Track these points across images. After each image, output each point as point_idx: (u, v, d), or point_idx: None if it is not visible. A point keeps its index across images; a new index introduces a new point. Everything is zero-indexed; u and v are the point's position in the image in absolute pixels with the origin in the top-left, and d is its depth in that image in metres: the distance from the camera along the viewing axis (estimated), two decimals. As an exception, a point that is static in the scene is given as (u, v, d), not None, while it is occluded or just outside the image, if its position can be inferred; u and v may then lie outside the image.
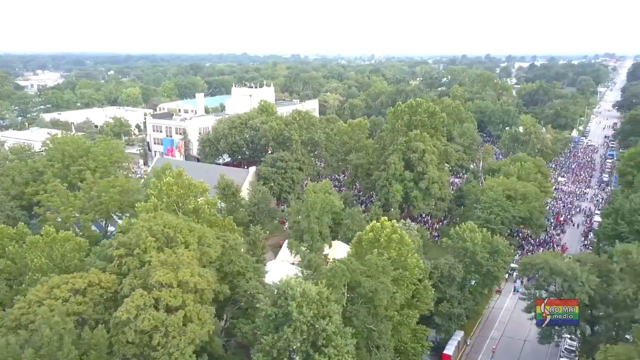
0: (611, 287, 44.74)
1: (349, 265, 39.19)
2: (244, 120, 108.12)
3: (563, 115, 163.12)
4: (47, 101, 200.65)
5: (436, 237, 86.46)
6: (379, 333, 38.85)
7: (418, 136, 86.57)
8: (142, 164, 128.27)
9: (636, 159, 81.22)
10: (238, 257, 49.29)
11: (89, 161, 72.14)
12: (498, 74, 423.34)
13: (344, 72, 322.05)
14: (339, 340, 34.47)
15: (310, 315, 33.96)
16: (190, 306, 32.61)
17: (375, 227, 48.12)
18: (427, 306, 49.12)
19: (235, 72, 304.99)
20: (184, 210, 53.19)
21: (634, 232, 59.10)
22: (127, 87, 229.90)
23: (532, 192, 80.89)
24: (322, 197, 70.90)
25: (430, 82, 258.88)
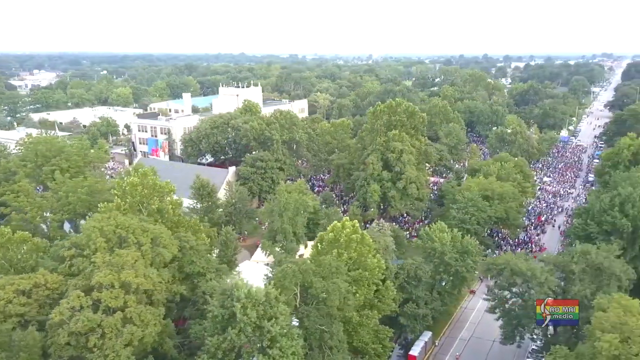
0: (570, 287, 44.53)
1: (300, 266, 38.96)
2: (226, 120, 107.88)
3: (552, 115, 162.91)
4: (36, 101, 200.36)
5: (415, 237, 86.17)
6: (331, 334, 38.61)
7: (397, 136, 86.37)
8: (128, 164, 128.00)
9: (613, 159, 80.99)
10: (199, 258, 49.21)
11: (61, 161, 71.93)
12: (493, 74, 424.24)
13: (338, 72, 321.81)
14: (284, 342, 34.28)
15: (255, 317, 33.76)
16: (132, 307, 32.39)
17: (336, 228, 47.97)
18: (389, 307, 48.89)
19: (229, 72, 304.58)
20: (149, 211, 52.96)
21: (603, 232, 58.86)
22: (118, 87, 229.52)
23: (510, 192, 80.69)
24: (295, 197, 70.69)
25: (423, 82, 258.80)
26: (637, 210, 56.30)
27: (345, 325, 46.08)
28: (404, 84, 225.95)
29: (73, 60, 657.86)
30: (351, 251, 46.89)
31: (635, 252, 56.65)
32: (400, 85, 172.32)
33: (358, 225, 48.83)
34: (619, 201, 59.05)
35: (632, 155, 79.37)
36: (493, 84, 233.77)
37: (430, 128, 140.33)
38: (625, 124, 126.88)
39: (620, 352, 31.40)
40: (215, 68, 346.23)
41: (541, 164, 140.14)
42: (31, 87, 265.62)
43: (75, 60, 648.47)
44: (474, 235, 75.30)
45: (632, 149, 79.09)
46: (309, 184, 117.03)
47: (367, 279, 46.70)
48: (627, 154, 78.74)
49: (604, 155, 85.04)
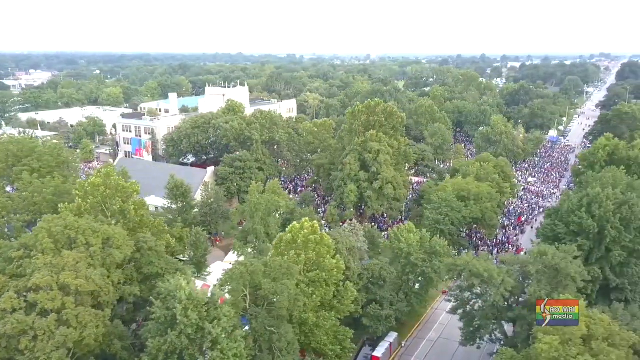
0: (527, 288, 44.30)
1: (249, 267, 38.71)
2: (208, 120, 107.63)
3: (540, 115, 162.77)
4: (26, 101, 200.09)
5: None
6: (279, 336, 38.37)
7: (374, 136, 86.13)
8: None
9: (589, 159, 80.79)
10: (158, 259, 48.95)
11: (32, 161, 71.59)
12: (489, 74, 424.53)
13: (333, 72, 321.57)
14: (225, 344, 34.05)
15: (196, 318, 33.53)
16: (69, 309, 32.15)
17: (294, 228, 47.72)
18: (348, 308, 48.62)
19: (222, 72, 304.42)
20: (112, 212, 52.67)
21: (570, 233, 58.52)
22: (109, 87, 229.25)
23: (486, 193, 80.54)
24: (267, 197, 70.45)
25: (415, 82, 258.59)
26: (603, 211, 55.95)
27: (301, 326, 46.02)
28: (394, 84, 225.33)
29: (70, 59, 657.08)
30: (309, 252, 46.61)
31: (602, 253, 56.26)
32: (389, 86, 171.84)
33: (318, 226, 48.54)
34: (587, 202, 58.76)
35: (608, 156, 79.13)
36: (485, 84, 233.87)
37: (417, 128, 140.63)
38: (609, 123, 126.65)
39: (560, 354, 31.16)
40: (209, 68, 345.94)
41: (527, 164, 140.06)
42: (24, 87, 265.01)
43: (72, 60, 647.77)
44: (448, 236, 75.66)
45: (607, 150, 78.86)
46: (293, 184, 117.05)
47: (325, 279, 46.42)
48: (603, 154, 78.53)
49: (580, 156, 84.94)
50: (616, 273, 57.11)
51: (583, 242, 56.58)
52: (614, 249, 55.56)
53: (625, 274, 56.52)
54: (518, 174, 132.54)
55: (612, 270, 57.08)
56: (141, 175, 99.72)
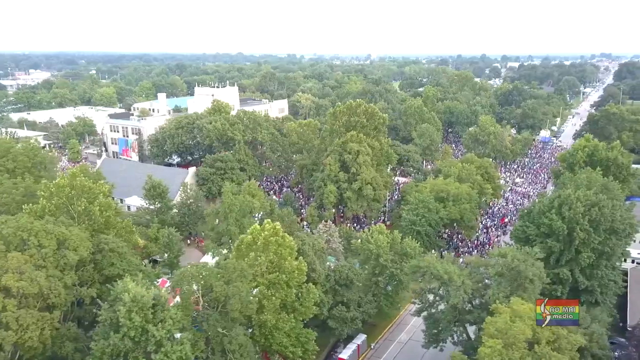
0: (486, 291, 43.99)
1: (200, 269, 38.49)
2: (192, 120, 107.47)
3: (531, 115, 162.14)
4: (19, 101, 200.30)
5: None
6: (230, 338, 38.12)
7: (354, 137, 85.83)
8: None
9: (568, 160, 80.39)
10: (120, 260, 48.80)
11: (7, 162, 71.58)
12: (487, 74, 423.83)
13: (329, 73, 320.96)
14: (169, 346, 33.83)
15: (139, 321, 33.32)
16: (10, 312, 32.00)
17: (255, 230, 47.45)
18: (310, 310, 48.30)
19: (218, 72, 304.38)
20: (77, 213, 52.47)
21: (541, 235, 58.20)
22: (102, 86, 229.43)
23: (465, 194, 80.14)
24: (241, 198, 70.21)
25: (411, 83, 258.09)
26: (573, 212, 55.59)
27: (260, 328, 45.79)
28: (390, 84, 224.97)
29: (69, 59, 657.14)
30: (270, 254, 46.33)
31: (572, 255, 55.98)
32: (380, 86, 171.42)
33: (280, 227, 48.25)
34: (558, 203, 58.45)
35: (588, 157, 78.70)
36: (480, 85, 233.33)
37: (405, 128, 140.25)
38: (597, 124, 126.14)
39: (502, 358, 30.85)
40: (205, 68, 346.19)
41: (517, 165, 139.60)
42: (19, 86, 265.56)
43: (72, 60, 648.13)
44: (425, 237, 75.41)
45: (587, 151, 78.42)
46: (279, 185, 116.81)
47: (286, 281, 46.14)
48: (582, 155, 78.10)
49: (560, 157, 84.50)
50: (586, 275, 56.86)
51: (553, 244, 56.39)
52: (584, 251, 55.28)
53: (595, 275, 56.28)
54: (506, 174, 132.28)
55: (582, 272, 56.83)
56: (124, 175, 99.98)
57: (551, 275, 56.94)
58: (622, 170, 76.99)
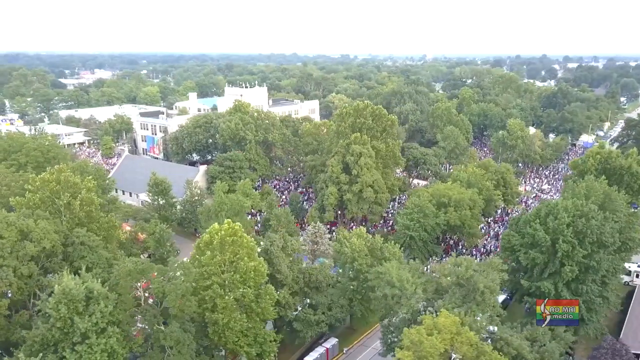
0: (440, 299, 42.49)
1: (139, 265, 39.48)
2: (209, 120, 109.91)
3: (570, 119, 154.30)
4: (69, 98, 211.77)
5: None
6: (165, 334, 38.88)
7: (358, 139, 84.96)
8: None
9: (579, 168, 76.03)
10: (90, 253, 50.83)
11: (20, 156, 75.97)
12: (542, 76, 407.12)
13: (374, 73, 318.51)
14: (94, 339, 34.96)
15: (64, 312, 34.64)
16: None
17: (213, 229, 47.97)
18: (267, 310, 48.33)
19: (262, 72, 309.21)
20: (58, 206, 55.05)
21: (525, 245, 55.50)
22: (147, 85, 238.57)
23: (467, 199, 77.56)
24: (231, 197, 71.29)
25: (453, 84, 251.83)
26: (558, 222, 52.65)
27: (213, 326, 46.34)
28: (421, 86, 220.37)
29: (132, 60, 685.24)
30: (226, 253, 46.78)
31: (556, 268, 53.03)
32: (410, 87, 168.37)
33: (239, 227, 48.53)
34: (544, 212, 55.59)
35: (600, 164, 74.17)
36: (525, 87, 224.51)
37: (431, 130, 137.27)
38: (635, 129, 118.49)
39: (411, 372, 29.82)
40: (251, 68, 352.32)
41: (549, 171, 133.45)
42: (75, 85, 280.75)
43: (134, 60, 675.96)
44: (419, 242, 73.65)
45: (598, 158, 73.90)
46: (295, 185, 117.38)
47: (241, 281, 46.43)
48: (593, 163, 73.66)
49: (571, 164, 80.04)
50: (571, 289, 53.75)
51: (535, 255, 53.72)
52: (567, 264, 52.26)
53: (580, 291, 53.07)
54: (535, 180, 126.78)
55: (567, 286, 53.79)
56: (141, 172, 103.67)
57: (533, 288, 54.59)
58: (637, 179, 72.00)
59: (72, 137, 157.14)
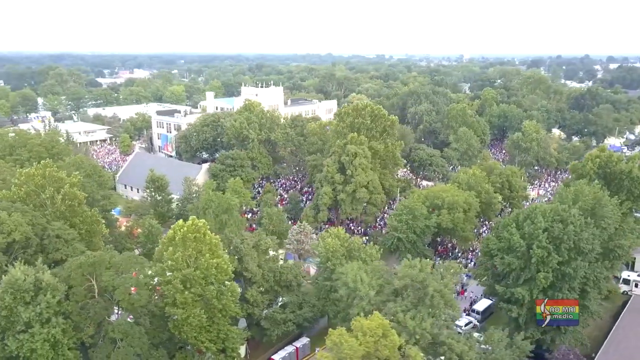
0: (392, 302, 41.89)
1: (90, 258, 40.51)
2: (217, 118, 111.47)
3: (594, 122, 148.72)
4: (99, 97, 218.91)
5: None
6: (112, 326, 39.80)
7: (354, 139, 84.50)
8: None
9: (578, 171, 73.22)
10: (66, 246, 52.46)
11: (24, 152, 79.06)
12: (580, 77, 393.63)
13: (404, 73, 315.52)
14: (37, 328, 36.12)
15: (8, 301, 35.93)
16: None
17: (176, 226, 48.63)
18: (228, 307, 48.64)
19: (290, 72, 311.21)
20: (42, 200, 57.06)
21: (502, 250, 53.99)
22: (173, 85, 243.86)
23: (461, 202, 75.94)
24: (219, 195, 72.13)
25: (481, 84, 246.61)
26: (534, 227, 50.99)
27: (174, 321, 47.01)
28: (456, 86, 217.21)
29: (170, 60, 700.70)
30: (188, 249, 47.41)
31: (532, 274, 51.33)
32: (426, 87, 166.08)
33: (204, 224, 49.04)
34: (523, 216, 53.97)
35: (600, 168, 71.28)
36: (554, 88, 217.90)
37: (445, 132, 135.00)
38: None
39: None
40: (280, 68, 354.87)
41: (568, 174, 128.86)
42: (108, 85, 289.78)
43: (171, 60, 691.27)
44: (407, 244, 72.61)
45: (597, 161, 71.03)
46: (301, 184, 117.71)
47: (201, 277, 46.94)
48: (592, 166, 70.83)
49: (571, 167, 77.16)
50: (548, 297, 51.89)
51: (511, 260, 52.25)
52: (542, 270, 50.54)
53: (555, 298, 51.15)
54: (551, 184, 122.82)
55: (544, 294, 52.01)
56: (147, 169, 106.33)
57: (508, 294, 53.06)
58: (637, 185, 68.77)
59: (95, 135, 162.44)
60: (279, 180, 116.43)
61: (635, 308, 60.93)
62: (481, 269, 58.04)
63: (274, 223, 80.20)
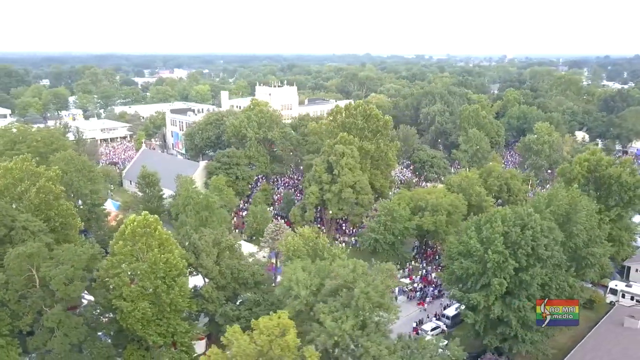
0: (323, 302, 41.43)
1: (29, 249, 41.94)
2: (220, 117, 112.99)
3: (617, 124, 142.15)
4: (127, 95, 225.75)
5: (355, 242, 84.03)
6: (48, 315, 41.06)
7: (344, 138, 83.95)
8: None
9: (566, 175, 70.18)
10: (33, 239, 54.35)
11: (23, 147, 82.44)
12: (624, 78, 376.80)
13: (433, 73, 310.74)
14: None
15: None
16: None
17: (128, 220, 49.66)
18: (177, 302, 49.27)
19: (319, 72, 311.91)
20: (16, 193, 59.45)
21: (462, 254, 52.50)
22: (199, 84, 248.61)
23: (445, 205, 74.30)
24: (199, 193, 73.13)
25: (510, 85, 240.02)
26: (491, 231, 49.38)
27: (121, 314, 48.09)
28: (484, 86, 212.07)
29: (210, 60, 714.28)
30: (138, 244, 48.36)
31: (488, 280, 49.71)
32: (441, 87, 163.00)
33: (155, 219, 49.84)
34: (484, 220, 52.35)
35: (588, 172, 68.23)
36: (586, 89, 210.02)
37: (456, 132, 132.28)
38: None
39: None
40: (310, 69, 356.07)
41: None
42: (142, 84, 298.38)
43: (211, 60, 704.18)
44: (385, 246, 71.71)
45: (586, 165, 67.96)
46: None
47: (149, 272, 47.77)
48: (580, 170, 67.85)
49: (559, 171, 74.05)
50: (505, 304, 50.21)
51: (468, 265, 50.88)
52: (498, 276, 48.89)
53: (512, 306, 49.37)
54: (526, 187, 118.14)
55: (502, 300, 50.32)
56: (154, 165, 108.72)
57: (465, 300, 51.59)
58: (627, 190, 65.34)
59: (116, 132, 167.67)
60: (282, 179, 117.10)
61: (614, 319, 57.97)
62: (446, 273, 56.66)
63: (257, 221, 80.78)
